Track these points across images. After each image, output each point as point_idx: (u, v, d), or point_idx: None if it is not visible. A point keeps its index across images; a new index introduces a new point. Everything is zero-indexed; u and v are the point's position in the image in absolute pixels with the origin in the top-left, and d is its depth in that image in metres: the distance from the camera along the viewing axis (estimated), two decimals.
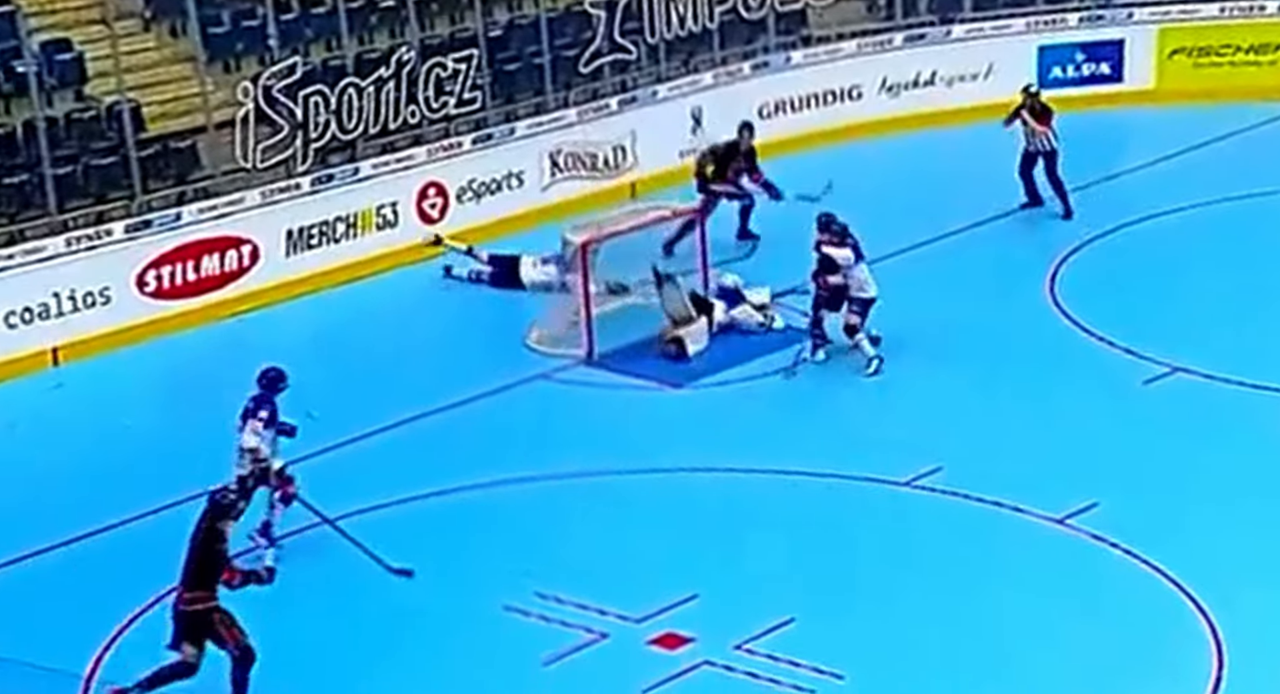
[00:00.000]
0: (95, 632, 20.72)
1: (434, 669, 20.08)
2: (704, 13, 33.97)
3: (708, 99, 34.20)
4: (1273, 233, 31.63)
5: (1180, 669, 19.83)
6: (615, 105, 33.03)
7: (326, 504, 22.59)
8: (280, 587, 20.76)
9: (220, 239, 28.74)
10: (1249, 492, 23.62)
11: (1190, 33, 36.19)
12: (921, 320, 28.48)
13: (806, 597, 21.06)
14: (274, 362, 25.21)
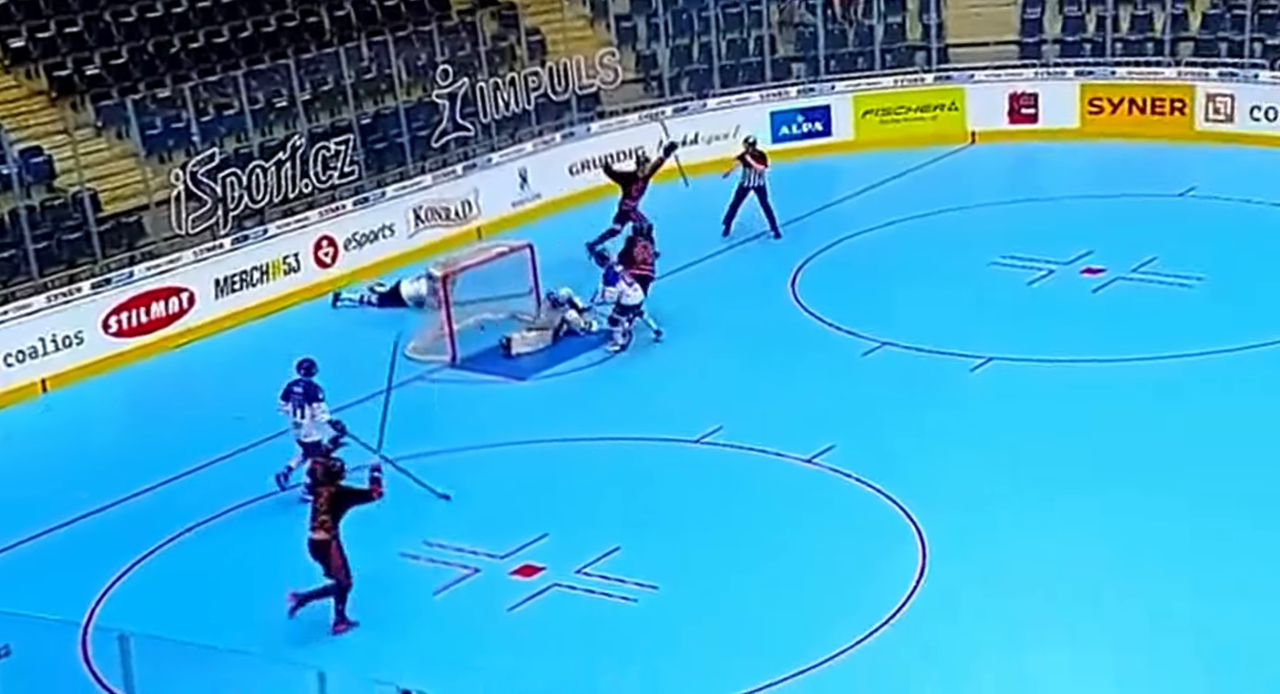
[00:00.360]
0: (89, 588, 20.40)
1: (369, 613, 19.70)
2: (522, 97, 33.62)
3: (530, 162, 34.00)
4: (945, 239, 31.85)
5: (895, 562, 20.33)
6: (460, 170, 32.74)
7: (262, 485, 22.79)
8: (236, 544, 21.67)
9: (164, 289, 28.40)
10: (946, 432, 24.05)
11: (876, 98, 36.43)
12: (700, 316, 28.54)
13: (627, 531, 21.43)
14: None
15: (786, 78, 36.84)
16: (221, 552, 21.69)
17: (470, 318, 27.58)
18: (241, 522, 22.45)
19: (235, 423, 24.80)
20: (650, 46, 36.81)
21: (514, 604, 19.69)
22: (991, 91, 36.47)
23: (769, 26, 37.06)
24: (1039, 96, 36.34)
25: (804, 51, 37.01)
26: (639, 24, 36.99)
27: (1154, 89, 36.02)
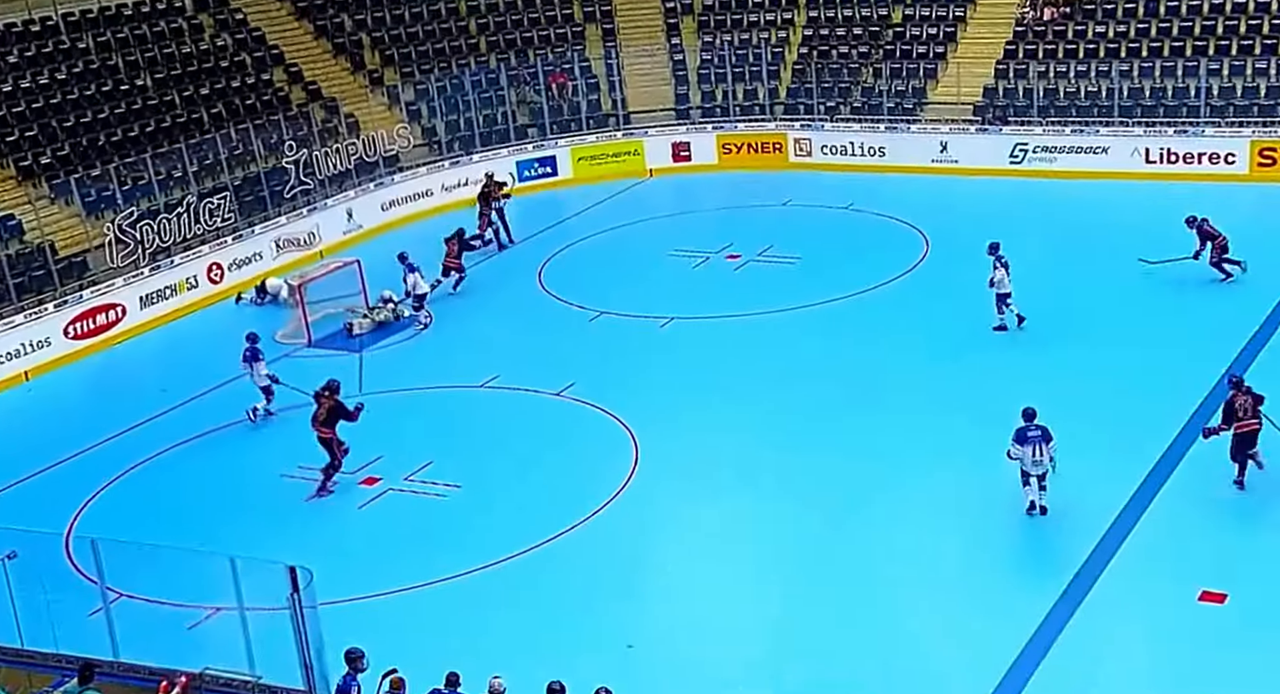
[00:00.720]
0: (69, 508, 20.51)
1: (261, 517, 19.90)
2: (345, 160, 33.38)
3: (354, 204, 33.45)
4: (637, 240, 31.70)
5: (619, 461, 20.66)
6: (305, 212, 32.27)
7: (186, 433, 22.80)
8: (173, 474, 21.76)
9: (104, 305, 28.01)
10: (648, 370, 24.27)
11: (586, 149, 36.25)
12: (479, 301, 28.44)
13: (437, 450, 21.76)
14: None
15: (525, 138, 36.51)
16: (163, 479, 21.66)
17: (320, 312, 27.29)
18: (175, 459, 22.27)
19: (160, 393, 24.78)
20: (430, 121, 36.32)
21: (362, 503, 20.21)
22: (660, 142, 36.37)
23: (511, 104, 36.76)
24: (691, 144, 36.28)
25: (535, 120, 36.82)
26: (422, 107, 36.47)
27: (761, 136, 35.96)
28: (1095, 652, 15.24)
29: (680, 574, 17.86)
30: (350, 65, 37.19)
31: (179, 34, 34.77)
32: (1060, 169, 32.77)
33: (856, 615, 16.32)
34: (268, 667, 13.58)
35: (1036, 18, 35.37)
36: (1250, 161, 31.23)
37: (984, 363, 22.94)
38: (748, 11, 38.52)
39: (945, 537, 17.96)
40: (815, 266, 28.44)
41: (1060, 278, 26.18)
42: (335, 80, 36.56)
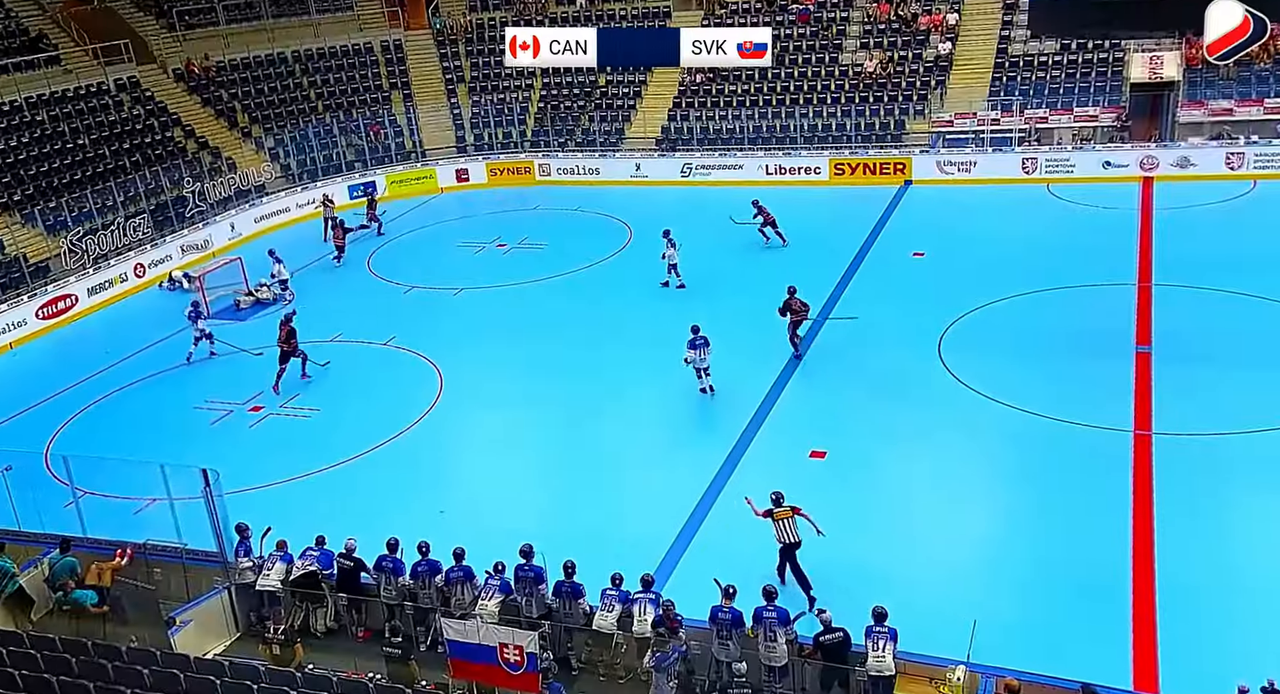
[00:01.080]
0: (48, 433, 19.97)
1: (182, 435, 19.53)
2: (227, 189, 32.47)
3: (235, 219, 32.14)
4: (438, 237, 30.82)
5: (428, 392, 20.37)
6: (202, 226, 31.07)
7: (125, 380, 22.03)
8: (125, 409, 20.99)
9: (63, 294, 26.75)
10: (448, 324, 23.77)
11: (398, 175, 35.13)
12: (331, 281, 27.11)
13: (302, 386, 20.81)
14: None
15: (353, 169, 35.57)
16: (111, 412, 20.99)
17: (214, 294, 26.31)
18: (119, 398, 21.56)
19: (105, 354, 23.84)
20: (286, 159, 35.15)
21: (252, 424, 19.76)
22: (448, 168, 35.84)
23: (342, 146, 35.82)
24: (469, 169, 35.87)
25: (360, 156, 35.97)
26: (279, 150, 35.25)
27: (516, 163, 35.57)
28: (751, 491, 15.19)
29: (475, 463, 17.99)
30: (227, 124, 36.18)
31: (106, 108, 33.79)
32: (714, 179, 33.04)
33: (597, 482, 16.66)
34: (191, 537, 13.58)
35: (693, 80, 36.32)
36: (830, 172, 32.44)
37: (664, 308, 23.28)
38: (502, 80, 38.50)
39: (650, 424, 18.54)
40: (557, 250, 28.49)
41: (711, 252, 26.97)
42: (217, 135, 35.47)
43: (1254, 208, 26.60)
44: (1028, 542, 14.16)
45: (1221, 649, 11.86)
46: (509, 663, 10.47)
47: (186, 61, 36.99)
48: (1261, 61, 30.09)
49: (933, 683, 10.39)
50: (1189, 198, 27.04)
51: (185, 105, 35.88)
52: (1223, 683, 9.90)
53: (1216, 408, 16.70)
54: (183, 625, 12.32)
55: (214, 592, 13.04)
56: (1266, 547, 13.54)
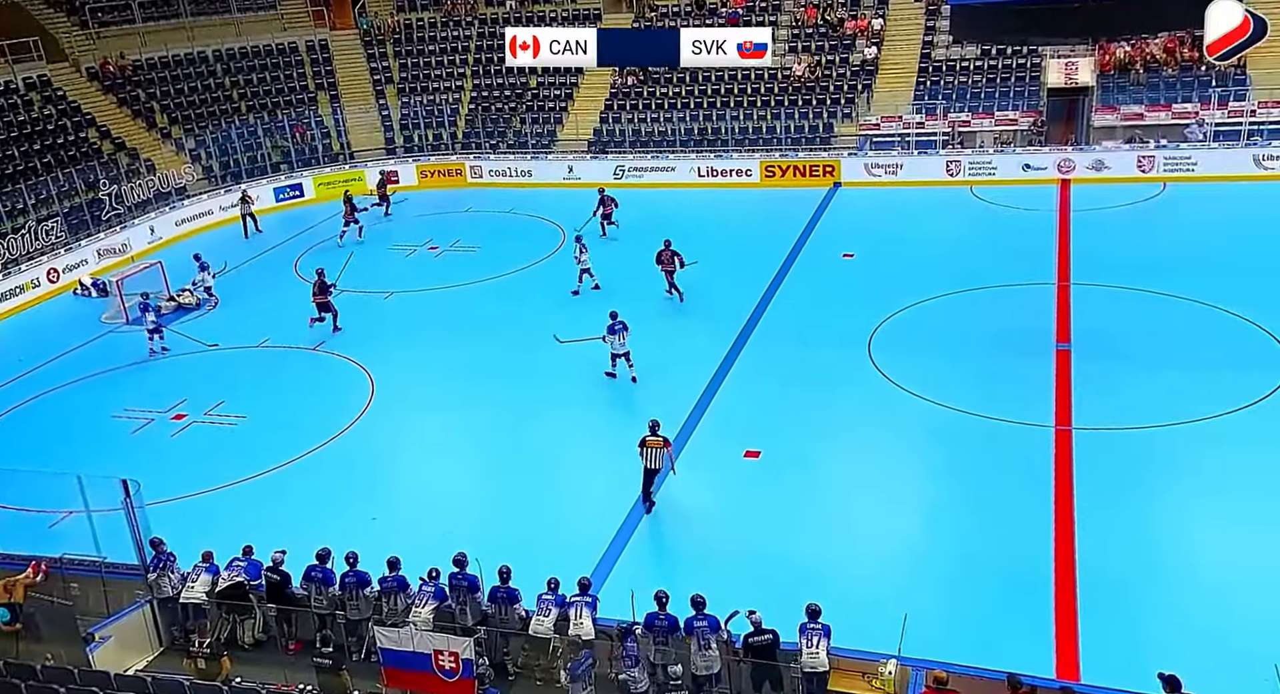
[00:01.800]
0: None
1: (100, 445, 19.04)
2: (147, 191, 31.70)
3: (154, 222, 31.39)
4: (367, 240, 30.21)
5: (360, 395, 20.24)
6: (119, 229, 30.34)
7: (39, 389, 21.28)
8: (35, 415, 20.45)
9: None
10: (380, 329, 23.50)
11: (326, 177, 34.71)
12: (256, 289, 26.45)
13: (228, 392, 20.70)
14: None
15: (279, 171, 34.98)
16: (26, 422, 20.40)
17: (133, 300, 25.36)
18: (32, 408, 20.91)
19: (18, 361, 23.14)
20: (208, 161, 34.39)
21: (174, 433, 19.30)
22: (377, 170, 35.30)
23: (267, 148, 35.16)
24: (399, 171, 35.37)
25: (285, 158, 35.35)
26: (201, 152, 34.48)
27: (447, 164, 35.31)
28: (689, 492, 15.68)
29: (408, 469, 17.75)
30: (146, 125, 35.16)
31: (15, 107, 32.57)
32: (647, 182, 32.94)
33: (533, 486, 16.54)
34: (110, 550, 13.18)
35: (624, 82, 36.37)
36: (761, 174, 32.70)
37: (599, 310, 23.06)
38: (431, 80, 38.14)
39: (585, 426, 18.51)
40: (490, 253, 28.16)
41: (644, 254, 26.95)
42: (135, 136, 34.43)
43: (1164, 209, 27.55)
44: (955, 536, 14.43)
45: (1141, 637, 12.19)
46: (444, 670, 10.38)
47: (102, 60, 35.89)
48: (1170, 68, 31.20)
49: (865, 678, 10.53)
50: (1104, 199, 27.88)
51: (100, 105, 34.82)
52: (1141, 670, 10.22)
53: (1133, 403, 17.18)
54: (102, 641, 11.95)
55: (135, 606, 12.68)
56: (1182, 537, 14.00)
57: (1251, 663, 10.90)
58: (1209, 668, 11.01)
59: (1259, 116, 29.14)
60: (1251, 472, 15.14)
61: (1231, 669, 11.08)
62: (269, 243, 30.73)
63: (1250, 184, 27.94)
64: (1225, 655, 11.56)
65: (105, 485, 12.87)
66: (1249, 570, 13.09)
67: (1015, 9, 15.00)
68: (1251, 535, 13.78)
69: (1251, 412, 16.60)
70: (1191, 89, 30.58)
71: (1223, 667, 11.17)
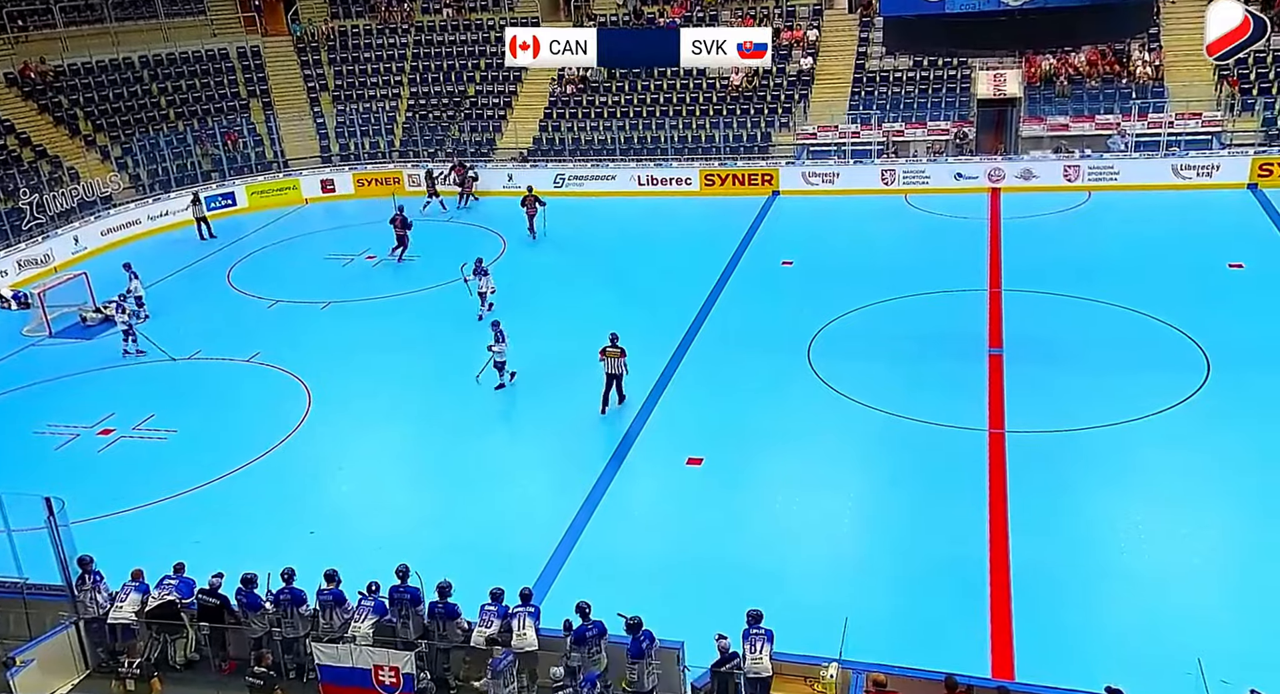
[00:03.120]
0: None
1: (22, 462, 18.46)
2: (71, 201, 30.73)
3: (79, 232, 30.52)
4: (302, 251, 29.92)
5: (297, 405, 19.94)
6: (41, 240, 29.49)
7: None
8: None
9: None
10: (313, 337, 23.28)
11: (258, 186, 34.27)
12: (188, 298, 25.73)
13: (158, 405, 20.40)
14: None
15: (210, 179, 34.24)
16: None
17: (56, 312, 24.85)
18: None
19: None
20: (135, 169, 33.57)
21: (101, 448, 18.83)
22: (312, 179, 34.92)
23: (197, 155, 34.49)
24: (335, 180, 34.99)
25: (217, 166, 34.70)
26: (128, 160, 33.66)
27: (384, 173, 34.94)
28: (630, 500, 15.89)
29: (346, 481, 17.45)
30: (69, 132, 34.22)
31: None
32: (587, 190, 32.99)
33: (474, 497, 16.41)
34: (32, 571, 12.67)
35: (563, 91, 36.35)
36: (700, 183, 32.78)
37: (540, 321, 23.57)
38: (368, 88, 37.79)
39: (526, 436, 18.42)
40: (430, 262, 27.78)
41: (582, 260, 27.04)
42: (57, 143, 33.48)
43: (1089, 217, 28.34)
44: (894, 540, 14.65)
45: (1073, 635, 12.37)
46: (384, 685, 10.23)
47: (21, 65, 34.93)
48: (1092, 81, 32.14)
49: (807, 681, 10.60)
50: (1032, 207, 28.57)
51: (20, 111, 33.82)
52: (1074, 667, 10.45)
53: (1063, 406, 17.57)
54: (24, 665, 11.52)
55: (59, 627, 12.29)
56: (1108, 534, 14.27)
57: (1177, 656, 11.19)
58: (1138, 662, 11.34)
59: (1177, 128, 30.06)
60: (1174, 471, 15.57)
61: (1159, 663, 11.35)
62: (200, 253, 30.22)
63: (1169, 193, 28.65)
64: (1153, 650, 11.83)
65: (27, 503, 12.33)
66: (1172, 566, 13.47)
67: (945, 22, 15.29)
68: (1178, 532, 14.18)
69: (1176, 412, 17.10)
70: (1113, 101, 31.54)
71: (1151, 661, 11.49)
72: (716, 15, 37.32)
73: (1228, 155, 29.07)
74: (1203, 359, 18.85)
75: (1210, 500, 14.82)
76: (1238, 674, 9.91)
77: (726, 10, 37.38)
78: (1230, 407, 17.16)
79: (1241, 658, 11.10)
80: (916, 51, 29.73)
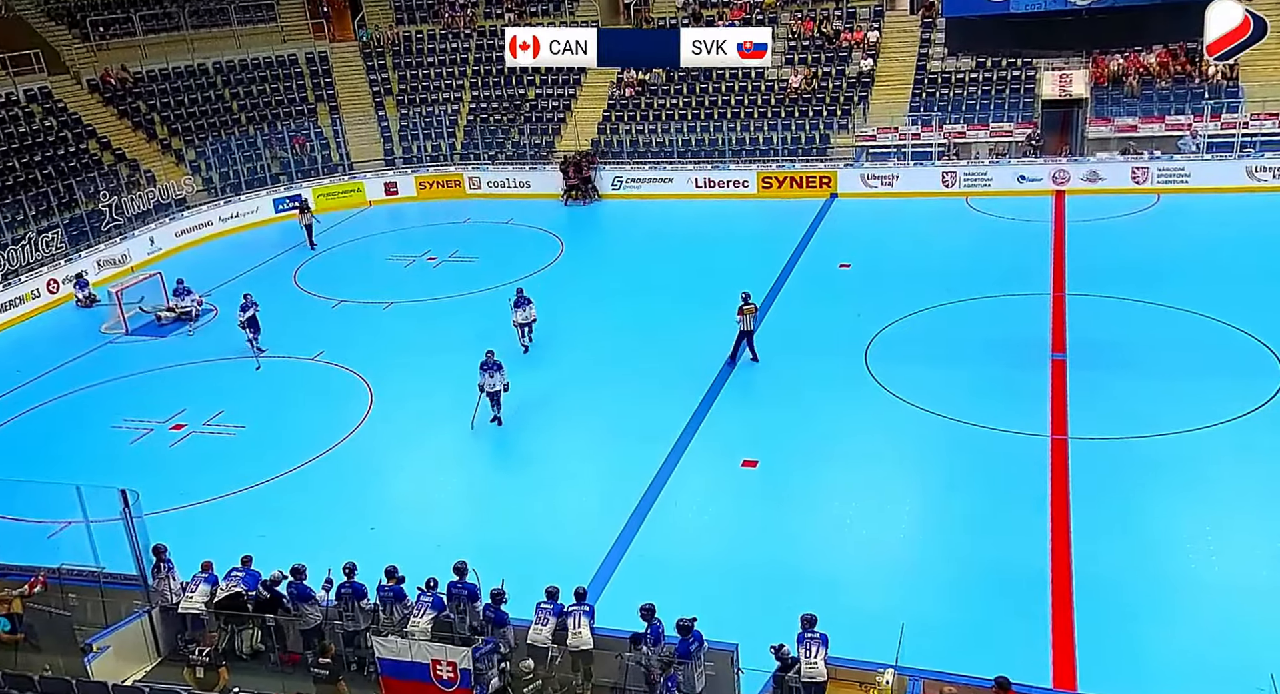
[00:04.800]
0: None
1: (101, 455, 18.74)
2: (148, 202, 31.55)
3: (154, 232, 31.30)
4: (357, 251, 30.34)
5: (360, 403, 20.26)
6: (119, 240, 29.97)
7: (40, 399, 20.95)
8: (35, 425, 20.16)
9: None
10: (366, 338, 23.32)
11: (325, 188, 34.79)
12: (256, 300, 26.40)
13: (227, 401, 20.53)
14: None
15: (279, 183, 34.95)
16: (26, 432, 20.17)
17: (136, 308, 25.71)
18: (33, 418, 20.76)
19: (16, 372, 22.93)
20: (208, 173, 34.39)
21: (173, 443, 19.22)
22: (376, 181, 35.44)
23: (266, 159, 35.22)
24: (398, 182, 35.46)
25: (285, 169, 35.39)
26: (201, 163, 34.54)
27: (446, 176, 35.28)
28: (684, 502, 15.78)
29: (407, 478, 17.63)
30: (146, 136, 35.20)
31: (16, 119, 32.71)
32: (644, 192, 33.06)
33: (531, 495, 16.51)
34: (109, 560, 12.99)
35: (621, 94, 36.43)
36: (758, 185, 32.69)
37: (598, 319, 23.46)
38: (430, 92, 38.25)
39: (582, 436, 18.44)
40: (489, 263, 28.11)
41: (644, 258, 27.13)
42: (135, 147, 34.43)
43: (1158, 220, 27.62)
44: (953, 546, 14.42)
45: (1136, 646, 12.13)
46: (442, 680, 10.32)
47: (102, 72, 36.01)
48: (1163, 81, 31.33)
49: (862, 687, 10.47)
50: (1099, 210, 27.97)
51: (101, 117, 34.87)
52: (1137, 678, 10.19)
53: (1128, 412, 17.20)
54: (100, 651, 11.84)
55: (134, 616, 12.57)
56: (1176, 544, 13.94)
57: (1246, 671, 10.89)
58: (1204, 675, 11.02)
59: (1251, 128, 29.16)
60: (1246, 480, 15.14)
61: (1226, 676, 11.14)
62: (268, 254, 30.81)
63: (1243, 195, 27.92)
64: (1223, 663, 11.49)
65: (104, 496, 12.59)
66: (1244, 578, 13.09)
67: (1009, 22, 15.04)
68: (1246, 543, 13.84)
69: (1246, 421, 16.63)
70: (1185, 101, 30.58)
71: (1218, 673, 11.21)
72: (775, 18, 37.12)
73: None
74: (1277, 365, 18.29)
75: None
76: None
77: (786, 13, 37.14)
78: None
79: None
80: (980, 52, 29.22)
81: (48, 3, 37.26)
